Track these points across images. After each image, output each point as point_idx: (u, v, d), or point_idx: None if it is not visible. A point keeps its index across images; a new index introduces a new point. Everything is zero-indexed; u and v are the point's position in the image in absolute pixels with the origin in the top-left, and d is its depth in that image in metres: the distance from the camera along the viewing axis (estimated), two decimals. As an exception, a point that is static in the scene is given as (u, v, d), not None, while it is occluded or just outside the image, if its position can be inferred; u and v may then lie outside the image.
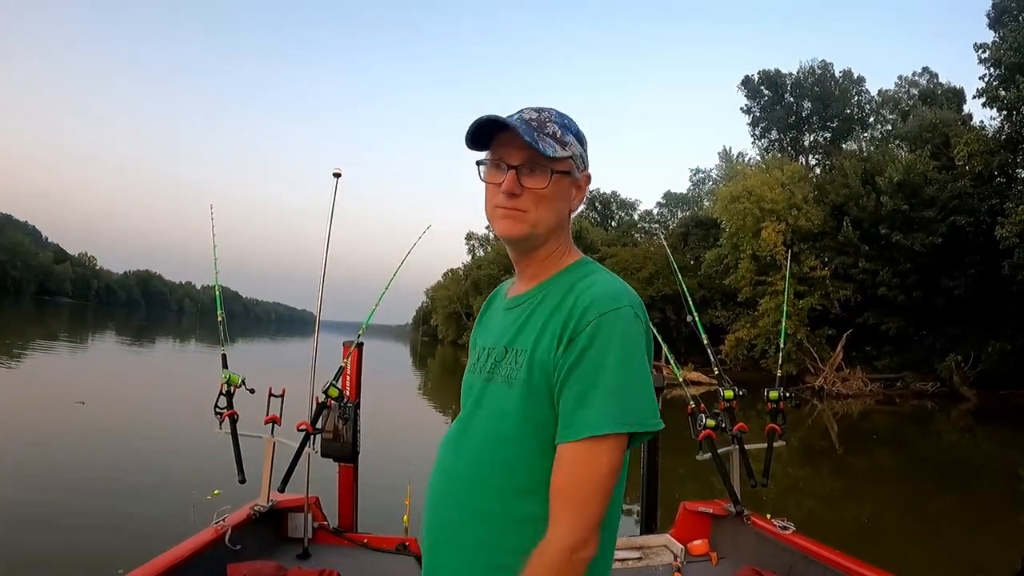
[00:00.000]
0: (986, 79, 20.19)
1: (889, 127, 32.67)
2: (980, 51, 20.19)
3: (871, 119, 34.94)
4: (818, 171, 32.37)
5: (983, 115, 39.79)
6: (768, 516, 3.17)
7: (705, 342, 3.69)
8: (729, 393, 3.22)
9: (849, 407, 18.06)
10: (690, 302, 3.82)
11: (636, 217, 52.60)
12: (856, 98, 34.86)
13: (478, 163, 1.05)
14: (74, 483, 5.63)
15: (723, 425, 3.19)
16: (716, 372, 3.53)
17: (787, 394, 3.33)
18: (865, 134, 34.04)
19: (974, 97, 21.75)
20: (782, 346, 4.54)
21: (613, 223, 51.64)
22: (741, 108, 36.75)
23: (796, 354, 22.24)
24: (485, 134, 1.02)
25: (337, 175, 3.24)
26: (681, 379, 3.73)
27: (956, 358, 20.00)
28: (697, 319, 3.73)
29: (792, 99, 34.94)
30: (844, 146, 32.69)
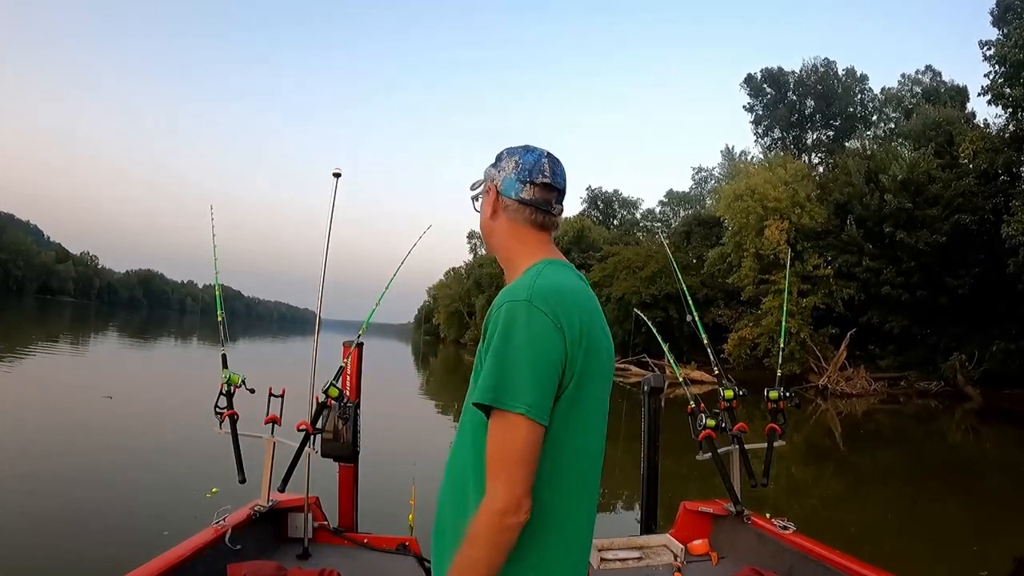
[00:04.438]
0: (991, 76, 20.15)
1: (892, 125, 32.49)
2: (985, 48, 20.14)
3: (874, 117, 34.71)
4: (821, 169, 32.27)
5: (987, 113, 39.52)
6: (768, 516, 3.16)
7: (705, 341, 3.69)
8: (729, 393, 3.22)
9: (853, 406, 18.02)
10: (690, 301, 3.81)
11: (638, 216, 52.59)
12: (859, 96, 34.66)
13: None
14: (72, 481, 5.64)
15: (723, 425, 3.19)
16: (716, 372, 3.52)
17: (787, 394, 3.32)
18: (868, 132, 33.86)
19: (979, 95, 21.74)
20: (783, 345, 4.53)
21: (615, 222, 51.59)
22: (744, 106, 36.66)
23: (799, 353, 22.18)
24: None
25: (337, 175, 3.23)
26: (682, 378, 3.72)
27: (960, 357, 19.93)
28: (697, 318, 3.72)
29: (795, 97, 34.80)
30: (847, 144, 32.51)
